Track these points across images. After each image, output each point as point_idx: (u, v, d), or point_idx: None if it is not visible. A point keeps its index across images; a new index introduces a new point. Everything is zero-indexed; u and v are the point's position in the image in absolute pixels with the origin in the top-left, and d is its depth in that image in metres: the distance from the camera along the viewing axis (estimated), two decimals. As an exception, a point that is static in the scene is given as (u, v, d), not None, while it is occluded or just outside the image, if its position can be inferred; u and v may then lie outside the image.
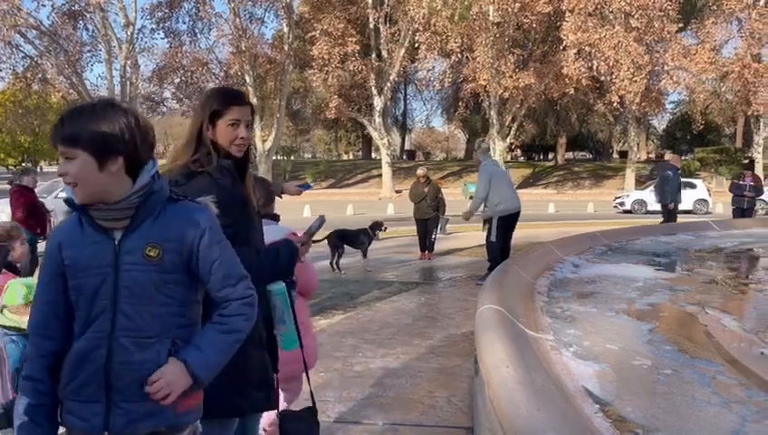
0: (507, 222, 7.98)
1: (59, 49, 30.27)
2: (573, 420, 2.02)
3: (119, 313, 1.59)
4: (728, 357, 3.21)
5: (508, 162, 42.66)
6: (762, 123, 33.20)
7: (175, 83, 35.46)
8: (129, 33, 31.80)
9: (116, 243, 1.61)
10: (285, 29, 34.13)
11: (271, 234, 2.40)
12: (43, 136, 39.90)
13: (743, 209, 11.76)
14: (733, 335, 3.51)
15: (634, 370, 2.99)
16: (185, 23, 34.15)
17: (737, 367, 3.05)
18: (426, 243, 10.50)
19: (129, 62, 32.00)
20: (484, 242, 8.38)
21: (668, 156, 15.38)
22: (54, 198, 16.45)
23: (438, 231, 11.20)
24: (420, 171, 11.01)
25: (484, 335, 2.84)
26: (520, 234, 12.16)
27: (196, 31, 34.15)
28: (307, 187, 4.32)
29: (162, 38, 38.55)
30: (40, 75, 30.73)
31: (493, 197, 7.93)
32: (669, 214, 11.63)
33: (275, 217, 2.89)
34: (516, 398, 2.05)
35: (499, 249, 7.85)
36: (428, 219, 10.42)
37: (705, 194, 24.92)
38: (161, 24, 32.92)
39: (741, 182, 11.83)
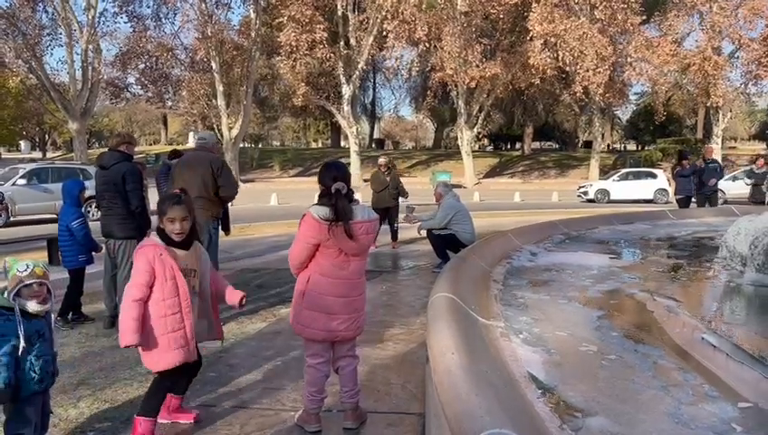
0: (459, 244, 7.92)
1: (17, 32, 29.40)
2: (512, 404, 2.08)
3: None
4: (671, 343, 3.32)
5: (476, 151, 42.97)
6: (720, 115, 34.01)
7: (139, 69, 34.78)
8: (90, 17, 31.01)
9: None
10: (252, 15, 33.68)
11: (363, 212, 3.27)
12: (0, 121, 38.74)
13: (689, 197, 12.03)
14: (677, 322, 3.62)
15: (580, 356, 3.07)
16: (149, 7, 33.55)
17: (678, 352, 3.16)
18: (391, 232, 10.52)
19: (90, 46, 31.22)
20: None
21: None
22: (12, 185, 16.05)
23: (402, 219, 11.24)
24: (382, 160, 10.95)
25: (434, 323, 2.88)
26: (484, 222, 12.32)
27: (161, 15, 33.53)
28: None
29: (125, 22, 37.76)
30: (-3, 59, 29.87)
31: (457, 227, 7.97)
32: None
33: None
34: (458, 383, 2.09)
35: (442, 241, 7.97)
36: (390, 208, 10.35)
37: (666, 184, 25.46)
38: (124, 8, 32.21)
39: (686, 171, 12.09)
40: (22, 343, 2.67)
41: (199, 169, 5.60)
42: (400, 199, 10.70)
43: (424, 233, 8.52)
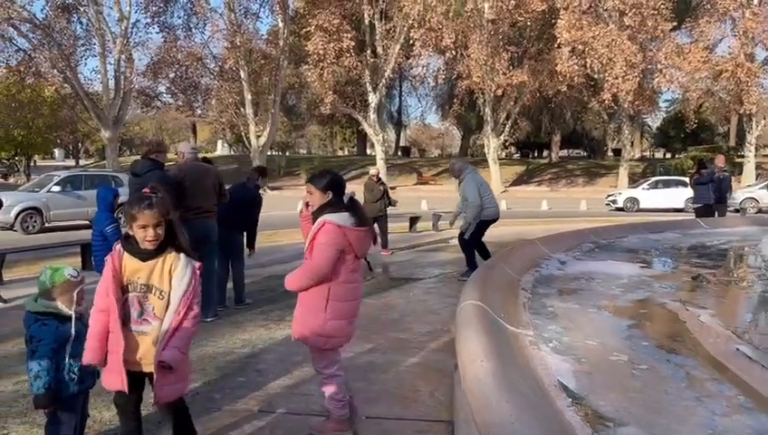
0: (486, 224, 7.99)
1: (52, 42, 30.15)
2: (542, 412, 2.07)
3: None
4: (704, 353, 3.27)
5: (503, 159, 42.76)
6: (754, 122, 33.33)
7: (170, 78, 35.39)
8: (123, 27, 31.68)
9: None
10: (280, 24, 34.08)
11: None
12: (36, 130, 39.67)
13: (708, 205, 11.74)
14: (710, 332, 3.56)
15: (610, 365, 3.04)
16: (180, 17, 34.15)
17: (712, 363, 3.11)
18: (384, 240, 10.53)
19: (123, 56, 31.87)
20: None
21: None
22: (47, 192, 16.42)
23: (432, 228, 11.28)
24: (374, 170, 11.17)
25: (463, 330, 2.88)
26: (511, 231, 12.25)
27: (191, 25, 34.14)
28: None
29: (157, 32, 38.57)
30: (33, 69, 30.56)
31: (483, 201, 7.95)
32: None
33: None
34: (488, 391, 2.09)
35: (474, 245, 7.95)
36: (378, 218, 10.25)
37: (698, 192, 24.96)
38: (156, 19, 32.86)
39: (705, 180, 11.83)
40: (68, 347, 2.80)
41: (210, 179, 5.92)
42: (425, 206, 10.77)
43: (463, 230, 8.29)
